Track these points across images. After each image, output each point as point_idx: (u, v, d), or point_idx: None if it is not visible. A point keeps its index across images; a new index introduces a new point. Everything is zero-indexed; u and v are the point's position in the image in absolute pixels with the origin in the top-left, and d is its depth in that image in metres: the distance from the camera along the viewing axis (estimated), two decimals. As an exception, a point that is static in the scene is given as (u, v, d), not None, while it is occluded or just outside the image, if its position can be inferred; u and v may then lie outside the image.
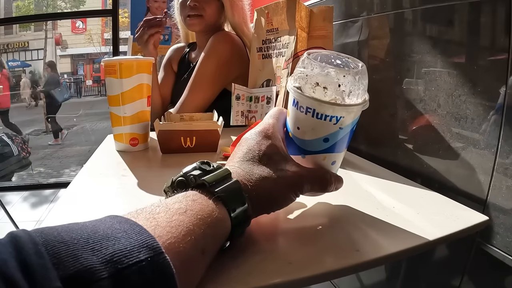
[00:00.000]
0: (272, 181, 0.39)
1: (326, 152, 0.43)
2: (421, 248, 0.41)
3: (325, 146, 0.43)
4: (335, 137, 0.42)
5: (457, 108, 0.61)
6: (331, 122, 0.41)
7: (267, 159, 0.41)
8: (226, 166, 0.40)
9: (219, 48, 1.12)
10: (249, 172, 0.39)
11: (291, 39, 0.84)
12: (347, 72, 0.40)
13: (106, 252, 0.24)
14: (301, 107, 0.41)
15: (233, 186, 0.36)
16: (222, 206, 0.35)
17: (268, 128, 0.44)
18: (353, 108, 0.40)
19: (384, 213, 0.47)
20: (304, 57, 0.42)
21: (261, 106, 0.93)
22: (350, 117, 0.41)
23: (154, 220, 0.29)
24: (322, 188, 0.45)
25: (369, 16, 0.84)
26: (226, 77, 1.13)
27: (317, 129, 0.42)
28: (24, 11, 10.83)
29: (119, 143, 0.83)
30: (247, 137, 0.44)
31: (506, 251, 0.53)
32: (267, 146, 0.42)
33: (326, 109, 0.40)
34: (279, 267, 0.35)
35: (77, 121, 8.17)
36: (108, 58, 0.79)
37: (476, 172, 0.58)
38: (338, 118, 0.40)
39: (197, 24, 1.17)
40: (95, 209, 0.52)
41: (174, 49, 1.42)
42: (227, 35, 1.16)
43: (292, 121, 0.44)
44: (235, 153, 0.43)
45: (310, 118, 0.41)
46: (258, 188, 0.38)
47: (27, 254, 0.22)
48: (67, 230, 0.26)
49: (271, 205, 0.40)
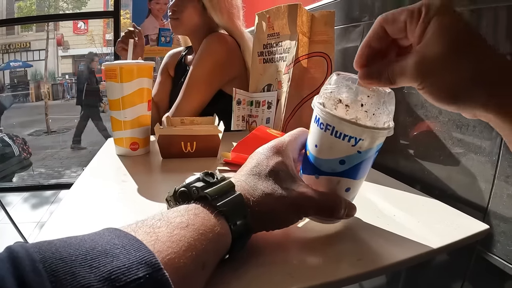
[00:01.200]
0: (274, 198, 0.39)
1: (341, 176, 0.41)
2: (422, 257, 0.41)
3: (341, 168, 0.41)
4: (352, 161, 0.40)
5: (459, 115, 0.60)
6: (349, 143, 0.39)
7: (274, 175, 0.40)
8: (232, 178, 0.39)
9: (211, 50, 1.12)
10: (253, 186, 0.39)
11: (292, 44, 0.84)
12: (371, 93, 0.38)
13: (104, 270, 0.24)
14: (321, 124, 0.40)
15: (236, 200, 0.36)
16: (224, 220, 0.34)
17: (282, 145, 0.43)
18: (373, 132, 0.38)
19: (385, 222, 0.47)
20: (333, 75, 0.41)
21: (262, 110, 0.92)
22: (370, 141, 0.39)
23: (155, 235, 0.29)
24: (329, 214, 0.42)
25: (371, 20, 0.84)
26: (221, 78, 1.13)
27: (334, 148, 0.40)
28: (26, 12, 10.86)
29: (120, 147, 0.83)
30: (258, 151, 0.44)
31: (506, 260, 0.53)
32: (276, 162, 0.41)
33: (346, 128, 0.38)
34: (280, 278, 0.35)
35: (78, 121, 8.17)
36: (109, 62, 0.79)
37: (477, 180, 0.58)
38: (357, 139, 0.38)
39: (176, 27, 1.20)
40: (95, 215, 0.52)
41: (171, 55, 1.43)
42: (220, 36, 1.15)
43: (311, 138, 0.43)
44: (244, 166, 0.43)
45: (329, 136, 0.40)
46: (260, 204, 0.38)
47: (24, 271, 0.22)
48: (65, 245, 0.25)
49: (271, 223, 0.39)
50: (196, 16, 1.17)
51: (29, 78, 11.43)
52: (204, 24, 1.19)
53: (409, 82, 0.34)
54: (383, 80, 0.36)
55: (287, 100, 0.83)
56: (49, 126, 7.29)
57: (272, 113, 0.88)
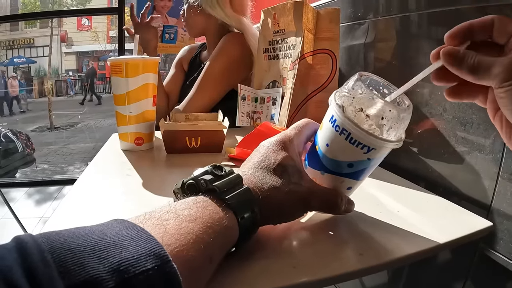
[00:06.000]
0: (283, 193, 0.39)
1: (346, 177, 0.42)
2: (425, 253, 0.41)
3: (348, 171, 0.42)
4: (360, 166, 0.41)
5: (463, 112, 0.60)
6: (362, 150, 0.40)
7: (282, 170, 0.40)
8: (238, 171, 0.39)
9: (228, 49, 1.15)
10: (262, 180, 0.39)
11: (297, 41, 0.84)
12: (393, 107, 0.39)
13: (113, 261, 0.24)
14: (338, 126, 0.40)
15: (244, 194, 0.36)
16: (232, 214, 0.34)
17: (288, 139, 0.43)
18: (388, 144, 0.40)
19: (388, 217, 0.48)
20: (356, 77, 0.41)
21: (266, 107, 0.93)
22: (381, 151, 0.41)
23: (163, 227, 0.29)
24: (330, 210, 0.44)
25: (376, 18, 0.84)
26: (234, 77, 1.14)
27: (346, 152, 0.41)
28: (30, 8, 10.88)
29: (124, 142, 0.84)
30: (264, 144, 0.44)
31: (509, 257, 0.53)
32: (284, 157, 0.41)
33: (362, 137, 0.39)
34: (283, 271, 0.35)
35: (81, 118, 8.20)
36: (114, 57, 0.79)
37: (481, 178, 0.58)
38: (369, 148, 0.40)
39: (189, 32, 1.31)
40: (100, 209, 0.52)
41: (187, 49, 1.47)
42: (238, 36, 1.18)
43: (324, 136, 0.43)
44: (250, 159, 0.43)
45: (343, 140, 0.40)
46: (269, 197, 0.38)
47: (32, 262, 0.22)
48: (73, 236, 0.25)
49: (279, 217, 0.40)
50: (197, 16, 1.21)
51: (33, 74, 11.48)
52: (210, 22, 1.23)
53: (492, 79, 0.31)
54: (465, 65, 0.33)
55: (292, 97, 0.83)
56: (52, 122, 7.31)
57: (277, 109, 0.88)
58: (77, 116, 8.25)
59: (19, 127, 5.80)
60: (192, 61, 1.40)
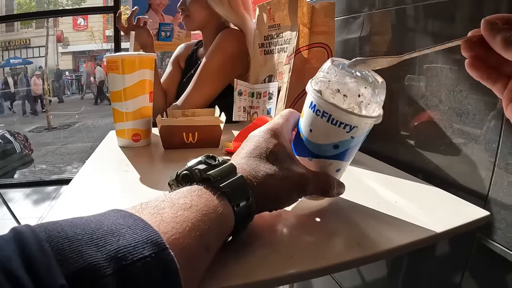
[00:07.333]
0: (277, 179, 0.39)
1: (334, 159, 0.44)
2: (422, 242, 0.41)
3: (334, 152, 0.43)
4: (345, 145, 0.43)
5: (459, 103, 0.61)
6: (344, 130, 0.41)
7: (274, 157, 0.41)
8: (231, 161, 0.39)
9: (225, 45, 1.15)
10: (255, 168, 0.39)
11: (293, 35, 0.84)
12: (368, 84, 0.41)
13: (111, 248, 0.24)
14: (318, 111, 0.42)
15: (238, 182, 0.36)
16: (227, 201, 0.34)
17: (277, 127, 0.44)
18: (368, 120, 0.41)
19: (385, 208, 0.48)
20: (328, 63, 0.42)
21: (263, 102, 0.93)
22: (362, 128, 0.42)
23: (159, 216, 0.29)
24: (323, 193, 0.45)
25: (371, 12, 0.84)
26: (232, 73, 1.14)
27: (330, 134, 0.42)
28: (26, 8, 10.83)
29: (122, 139, 0.84)
30: (255, 134, 0.44)
31: (507, 246, 0.54)
32: (275, 145, 0.42)
33: (343, 117, 0.40)
34: (280, 261, 0.36)
35: (78, 118, 8.19)
36: (111, 54, 0.79)
37: (477, 168, 0.58)
38: (351, 127, 0.41)
39: (187, 23, 1.24)
40: (98, 205, 0.52)
41: (183, 47, 1.46)
42: (234, 32, 1.18)
43: (306, 123, 0.44)
44: (241, 149, 0.43)
45: (325, 123, 0.41)
46: (263, 185, 0.38)
47: (30, 251, 0.22)
48: (71, 225, 0.26)
49: (274, 203, 0.40)
50: (202, 10, 1.20)
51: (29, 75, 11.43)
52: (212, 18, 1.22)
53: None
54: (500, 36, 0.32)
55: (288, 91, 0.83)
56: (49, 123, 7.29)
57: (273, 104, 0.88)
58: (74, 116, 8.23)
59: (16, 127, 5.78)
60: (189, 59, 1.40)
